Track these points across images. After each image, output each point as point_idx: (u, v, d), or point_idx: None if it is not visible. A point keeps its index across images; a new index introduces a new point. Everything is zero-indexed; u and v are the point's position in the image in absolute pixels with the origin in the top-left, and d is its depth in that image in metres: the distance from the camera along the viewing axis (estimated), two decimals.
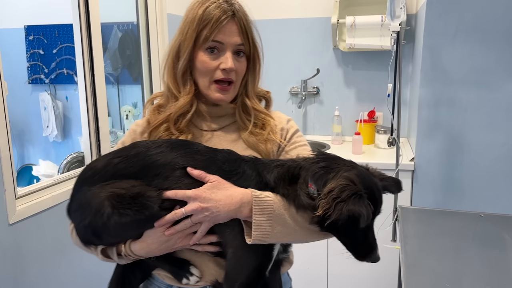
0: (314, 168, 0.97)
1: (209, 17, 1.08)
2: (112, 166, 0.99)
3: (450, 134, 2.22)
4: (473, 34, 2.12)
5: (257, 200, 0.95)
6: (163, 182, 0.97)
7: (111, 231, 0.96)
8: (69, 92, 3.12)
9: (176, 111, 1.12)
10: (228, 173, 1.00)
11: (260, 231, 0.94)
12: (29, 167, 2.93)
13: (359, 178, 0.93)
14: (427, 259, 1.40)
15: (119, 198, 0.94)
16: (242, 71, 1.15)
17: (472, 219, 1.68)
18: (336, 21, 2.77)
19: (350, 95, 3.01)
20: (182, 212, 0.95)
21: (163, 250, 1.01)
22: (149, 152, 1.00)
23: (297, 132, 1.23)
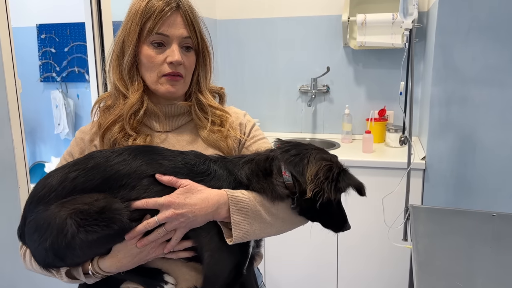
0: (286, 156, 1.00)
1: (152, 9, 1.04)
2: (70, 181, 0.92)
3: (462, 133, 2.20)
4: (486, 32, 2.10)
5: (233, 199, 0.94)
6: (130, 192, 0.92)
7: (76, 251, 0.90)
8: (80, 90, 3.15)
9: (128, 110, 1.06)
10: (199, 175, 0.98)
11: (240, 230, 0.93)
12: (41, 164, 2.96)
13: (331, 156, 1.00)
14: (439, 258, 1.39)
15: (83, 215, 0.88)
16: (191, 66, 1.11)
17: (484, 219, 1.67)
18: (347, 19, 2.76)
19: (360, 93, 2.99)
20: (155, 221, 0.91)
21: (135, 263, 0.96)
22: (110, 162, 0.94)
23: (254, 125, 1.23)
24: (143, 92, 1.09)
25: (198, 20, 1.10)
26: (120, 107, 1.08)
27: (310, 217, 1.04)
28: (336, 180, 0.95)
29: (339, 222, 1.05)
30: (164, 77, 1.07)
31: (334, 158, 1.01)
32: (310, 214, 1.03)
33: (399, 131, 2.69)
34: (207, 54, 1.15)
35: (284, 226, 1.02)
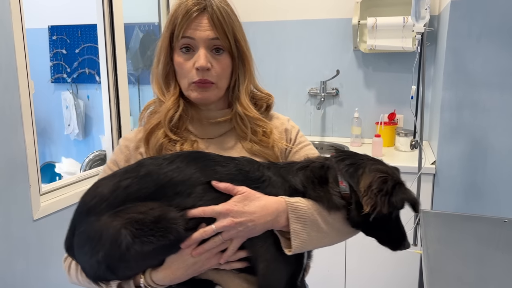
0: (341, 166, 0.96)
1: (179, 13, 1.01)
2: (122, 189, 0.88)
3: (473, 137, 2.18)
4: (497, 36, 2.08)
5: (292, 207, 0.91)
6: (185, 200, 0.88)
7: (130, 263, 0.86)
8: (90, 91, 3.17)
9: (165, 115, 1.04)
10: (255, 182, 0.94)
11: (299, 240, 0.90)
12: (51, 165, 2.98)
13: (387, 168, 0.94)
14: (450, 264, 1.37)
15: (138, 225, 0.84)
16: (224, 70, 1.04)
17: (495, 224, 1.65)
18: (357, 22, 2.75)
19: (370, 96, 2.98)
20: (213, 229, 0.87)
21: (189, 275, 0.91)
22: (163, 169, 0.90)
23: (299, 131, 1.18)
24: (178, 97, 1.06)
25: (231, 20, 1.03)
26: (160, 113, 1.06)
27: (364, 230, 0.99)
28: (390, 194, 0.89)
29: (396, 239, 0.99)
30: (194, 84, 1.03)
31: (391, 170, 0.95)
32: (364, 227, 0.97)
33: (409, 135, 2.68)
34: (244, 57, 1.07)
35: (338, 236, 0.99)
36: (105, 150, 2.11)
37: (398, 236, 0.98)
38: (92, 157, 2.32)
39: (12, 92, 1.45)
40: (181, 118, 1.06)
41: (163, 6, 2.53)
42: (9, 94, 1.44)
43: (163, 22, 2.56)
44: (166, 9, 2.53)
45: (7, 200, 1.45)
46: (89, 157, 2.31)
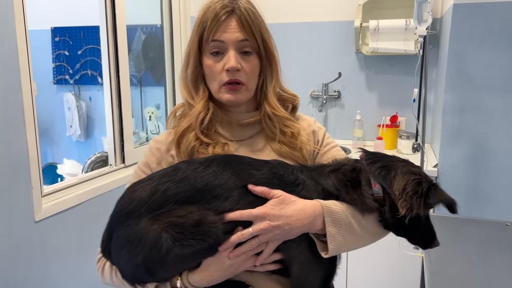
0: (373, 168, 0.96)
1: (207, 17, 1.03)
2: (161, 193, 0.90)
3: (475, 141, 2.18)
4: (500, 39, 2.08)
5: (328, 211, 0.92)
6: (223, 203, 0.90)
7: (169, 265, 0.88)
8: (92, 93, 3.17)
9: (195, 119, 1.06)
10: (290, 185, 0.95)
11: (335, 243, 0.91)
12: (53, 166, 2.99)
13: (419, 170, 0.95)
14: (452, 267, 1.37)
15: (178, 228, 0.85)
16: (253, 71, 1.06)
17: (498, 228, 1.64)
18: (359, 25, 2.75)
19: (372, 99, 2.98)
20: (250, 232, 0.89)
21: (226, 276, 0.93)
22: (200, 173, 0.92)
23: (325, 133, 1.19)
24: (208, 101, 1.08)
25: (259, 22, 1.05)
26: (190, 116, 1.08)
27: (396, 231, 1.00)
28: (426, 195, 0.91)
29: (427, 238, 1.00)
30: (224, 86, 1.04)
31: (423, 172, 0.97)
32: (397, 228, 0.98)
33: (411, 138, 2.67)
34: (271, 58, 1.09)
35: (371, 238, 1.00)
36: (107, 152, 2.11)
37: (429, 235, 1.00)
38: (94, 159, 2.32)
39: (14, 94, 1.45)
40: (211, 121, 1.08)
41: (166, 8, 2.54)
42: (12, 95, 1.44)
43: (166, 24, 2.56)
44: (169, 11, 2.54)
45: (9, 201, 1.45)
46: (91, 158, 2.31)
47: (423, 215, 0.93)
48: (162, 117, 2.65)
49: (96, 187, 1.86)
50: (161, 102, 2.68)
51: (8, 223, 1.45)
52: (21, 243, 1.51)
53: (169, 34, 2.56)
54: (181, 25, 2.56)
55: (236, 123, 1.10)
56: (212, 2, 1.05)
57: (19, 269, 1.51)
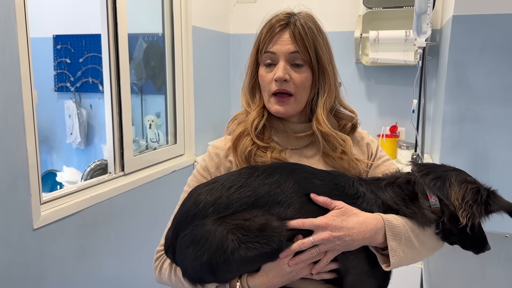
0: (427, 180, 0.98)
1: (264, 30, 1.09)
2: (226, 197, 0.93)
3: (475, 152, 2.18)
4: (499, 51, 2.09)
5: (389, 225, 0.92)
6: (285, 210, 0.92)
7: (232, 267, 0.90)
8: (93, 101, 3.18)
9: (251, 123, 1.10)
10: (350, 197, 0.96)
11: (396, 257, 0.91)
12: (52, 173, 2.98)
13: (474, 178, 0.97)
14: (451, 279, 1.37)
15: (244, 231, 0.88)
16: (303, 83, 1.06)
17: (497, 240, 1.64)
18: (359, 35, 2.76)
19: (372, 109, 2.99)
20: (311, 241, 0.90)
21: (284, 283, 0.95)
22: (263, 180, 0.95)
23: (379, 146, 1.20)
24: (263, 108, 1.12)
25: (314, 36, 1.06)
26: (246, 122, 1.12)
27: (452, 241, 1.01)
28: (486, 203, 0.93)
29: (480, 244, 1.01)
30: (273, 97, 1.08)
31: (478, 180, 0.98)
32: (454, 238, 0.99)
33: (411, 148, 2.67)
34: (324, 72, 1.08)
35: (428, 252, 1.01)
36: (107, 160, 2.11)
37: (482, 241, 1.00)
38: (93, 166, 2.32)
39: (15, 101, 1.45)
40: (266, 128, 1.12)
41: (167, 17, 2.56)
42: (12, 103, 1.45)
43: (167, 33, 2.58)
44: (170, 20, 2.55)
45: (7, 209, 1.44)
46: (90, 166, 2.31)
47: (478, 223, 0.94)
48: (162, 125, 2.65)
49: (95, 195, 1.86)
50: (162, 110, 2.68)
51: (6, 230, 1.45)
52: (19, 250, 1.51)
53: (170, 43, 2.57)
54: (182, 34, 2.58)
55: (291, 132, 1.13)
56: (271, 17, 1.10)
57: (16, 276, 1.51)
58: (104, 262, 1.96)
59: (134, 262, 2.16)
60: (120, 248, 2.05)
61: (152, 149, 2.46)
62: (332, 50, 1.13)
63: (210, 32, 2.87)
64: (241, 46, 3.15)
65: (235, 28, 3.17)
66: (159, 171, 2.34)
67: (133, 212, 2.12)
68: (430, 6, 1.95)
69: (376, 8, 2.78)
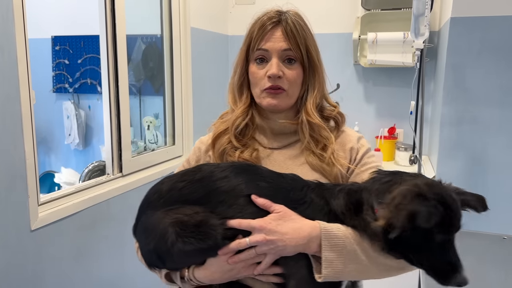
0: (376, 186, 0.89)
1: (255, 27, 1.10)
2: (177, 190, 0.97)
3: (473, 153, 2.18)
4: (497, 53, 2.09)
5: (327, 235, 0.89)
6: (227, 210, 0.93)
7: (174, 257, 0.94)
8: (92, 102, 3.18)
9: (233, 122, 1.12)
10: (295, 202, 0.94)
11: (331, 269, 0.88)
12: (50, 174, 2.98)
13: (427, 185, 0.83)
14: None
15: (182, 225, 0.91)
16: (295, 79, 1.09)
17: (494, 241, 1.64)
18: (358, 37, 2.77)
19: (370, 111, 2.99)
20: (246, 242, 0.91)
21: (226, 279, 0.96)
22: (213, 177, 0.96)
23: (369, 151, 1.14)
24: (249, 106, 1.13)
25: (304, 33, 1.09)
26: (228, 120, 1.14)
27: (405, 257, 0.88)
28: (407, 205, 0.79)
29: (444, 270, 0.85)
30: (265, 91, 1.08)
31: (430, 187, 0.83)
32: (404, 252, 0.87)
33: (409, 149, 2.68)
34: (315, 68, 1.11)
35: (385, 272, 0.93)
36: (105, 161, 2.11)
37: (445, 266, 0.84)
38: (91, 168, 2.32)
39: (13, 102, 1.45)
40: (248, 127, 1.13)
41: (166, 18, 2.56)
42: (10, 104, 1.44)
43: (166, 34, 2.58)
44: (169, 22, 2.55)
45: (5, 210, 1.44)
46: (88, 167, 2.31)
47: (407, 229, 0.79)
48: (161, 126, 2.65)
49: (93, 196, 1.86)
50: (160, 111, 2.68)
51: (3, 231, 1.45)
52: (16, 252, 1.50)
53: (169, 44, 2.58)
54: (181, 35, 2.58)
55: (271, 131, 1.14)
56: (262, 14, 1.11)
57: (14, 278, 1.50)
58: (102, 263, 1.95)
59: (132, 264, 2.15)
60: (118, 249, 2.05)
61: (150, 150, 2.46)
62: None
63: (209, 33, 2.87)
64: (239, 47, 3.14)
65: (233, 30, 3.17)
66: (158, 172, 2.34)
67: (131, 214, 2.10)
68: (428, 8, 1.96)
69: (374, 10, 2.79)
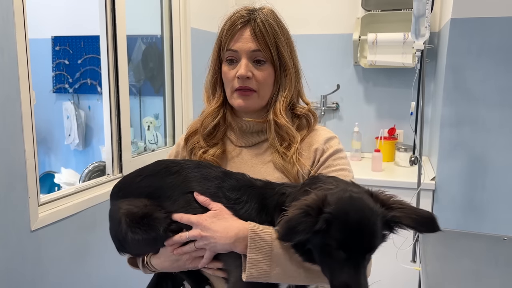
0: (297, 193, 0.88)
1: (225, 27, 1.09)
2: (136, 183, 1.04)
3: (473, 154, 2.18)
4: (497, 54, 2.10)
5: (254, 236, 0.89)
6: (172, 205, 0.99)
7: (129, 245, 1.01)
8: (91, 102, 3.18)
9: (202, 122, 1.13)
10: (231, 201, 0.96)
11: (256, 270, 0.88)
12: (50, 175, 2.98)
13: (333, 198, 0.80)
14: (449, 281, 1.37)
15: (132, 216, 0.98)
16: (265, 79, 1.08)
17: (494, 242, 1.64)
18: (358, 38, 2.77)
19: (370, 111, 2.99)
20: (186, 236, 0.96)
21: (175, 268, 1.02)
22: (166, 173, 1.02)
23: (336, 153, 1.09)
24: (221, 105, 1.14)
25: (275, 33, 1.07)
26: (199, 119, 1.16)
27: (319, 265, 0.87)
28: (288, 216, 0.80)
29: (330, 277, 0.82)
30: (236, 91, 1.08)
31: (337, 200, 0.80)
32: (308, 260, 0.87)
33: (409, 150, 2.68)
34: (286, 68, 1.09)
35: (317, 278, 0.91)
36: (105, 161, 2.11)
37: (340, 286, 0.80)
38: (91, 168, 2.32)
39: (13, 102, 1.45)
40: (218, 126, 1.14)
41: (166, 19, 2.56)
42: (11, 104, 1.44)
43: (166, 34, 2.58)
44: (169, 22, 2.55)
45: (5, 210, 1.44)
46: (88, 168, 2.31)
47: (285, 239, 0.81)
48: (161, 127, 2.65)
49: (93, 196, 1.86)
50: (160, 112, 2.68)
51: (3, 232, 1.44)
52: (16, 252, 1.50)
53: (169, 45, 2.57)
54: (181, 35, 2.58)
55: (240, 129, 1.15)
56: (232, 13, 1.10)
57: (13, 279, 1.50)
58: (102, 264, 1.95)
59: None
60: None
61: (150, 151, 2.46)
62: (294, 44, 1.15)
63: (209, 33, 2.87)
64: None
65: None
66: None
67: None
68: (428, 9, 1.96)
69: (374, 10, 2.79)
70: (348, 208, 0.79)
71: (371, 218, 0.79)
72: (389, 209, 0.82)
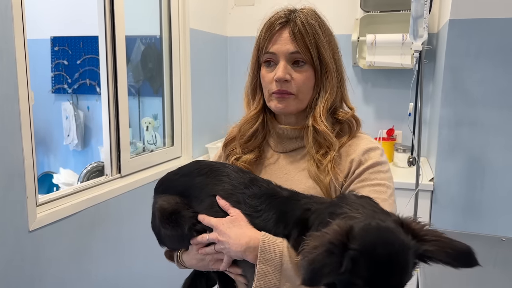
0: (321, 213, 0.83)
1: (263, 29, 1.06)
2: (173, 180, 1.09)
3: (471, 155, 2.19)
4: (495, 55, 2.10)
5: (264, 248, 0.87)
6: (199, 205, 1.02)
7: (163, 238, 1.06)
8: (90, 102, 3.18)
9: (240, 128, 1.12)
10: (249, 209, 0.95)
11: (264, 282, 0.87)
12: (49, 175, 2.98)
13: (358, 230, 0.71)
14: (447, 282, 1.37)
15: (163, 212, 1.02)
16: (304, 82, 1.03)
17: (493, 243, 1.64)
18: (357, 39, 2.77)
19: (368, 112, 2.99)
20: (206, 237, 0.97)
21: (201, 267, 1.04)
22: (197, 174, 1.05)
23: (375, 166, 1.01)
24: (261, 110, 1.12)
25: (315, 33, 1.02)
26: (238, 126, 1.15)
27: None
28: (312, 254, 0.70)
29: None
30: (274, 94, 1.05)
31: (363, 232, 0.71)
32: None
33: (408, 151, 2.68)
34: (327, 71, 1.04)
35: None
36: (103, 162, 2.11)
37: None
38: (90, 168, 2.32)
39: (12, 102, 1.45)
40: (256, 132, 1.13)
41: (165, 19, 2.56)
42: (9, 104, 1.44)
43: (165, 35, 2.58)
44: (168, 23, 2.56)
45: (3, 210, 1.44)
46: (87, 168, 2.31)
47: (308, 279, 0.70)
48: (160, 127, 2.65)
49: (91, 197, 1.86)
50: (159, 112, 2.68)
51: (1, 232, 1.44)
52: (14, 252, 1.50)
53: (168, 45, 2.58)
54: (180, 36, 2.58)
55: (277, 135, 1.12)
56: (272, 14, 1.07)
57: (12, 279, 1.50)
58: (101, 264, 1.95)
59: (130, 265, 2.15)
60: (116, 250, 2.05)
61: (149, 151, 2.46)
62: (338, 45, 1.09)
63: (208, 34, 2.87)
64: (238, 48, 3.16)
65: (232, 31, 3.17)
66: (156, 173, 2.34)
67: (129, 215, 2.11)
68: (426, 10, 1.96)
69: (373, 11, 2.79)
70: (375, 242, 0.70)
71: (401, 253, 0.70)
72: (422, 241, 0.73)
